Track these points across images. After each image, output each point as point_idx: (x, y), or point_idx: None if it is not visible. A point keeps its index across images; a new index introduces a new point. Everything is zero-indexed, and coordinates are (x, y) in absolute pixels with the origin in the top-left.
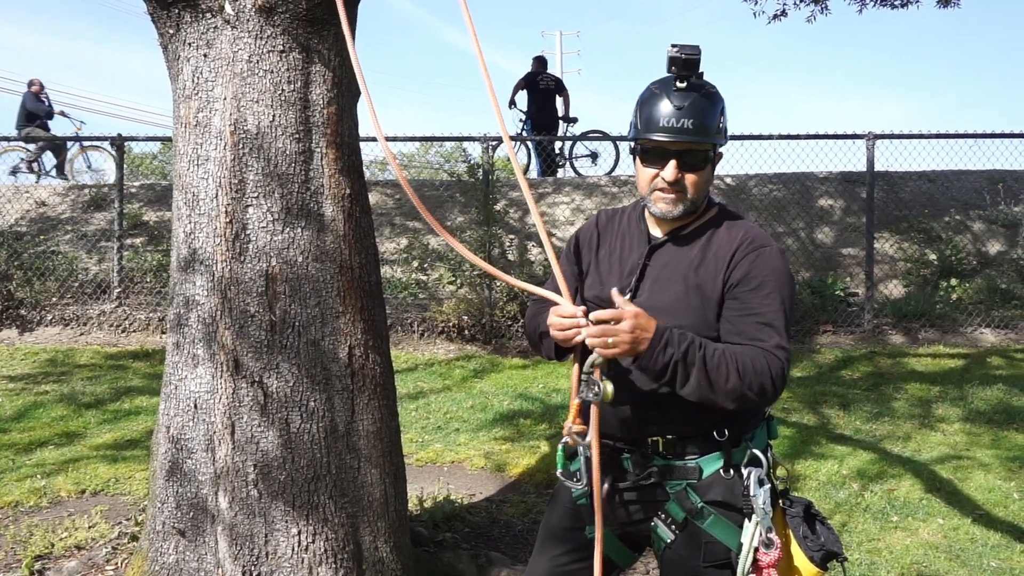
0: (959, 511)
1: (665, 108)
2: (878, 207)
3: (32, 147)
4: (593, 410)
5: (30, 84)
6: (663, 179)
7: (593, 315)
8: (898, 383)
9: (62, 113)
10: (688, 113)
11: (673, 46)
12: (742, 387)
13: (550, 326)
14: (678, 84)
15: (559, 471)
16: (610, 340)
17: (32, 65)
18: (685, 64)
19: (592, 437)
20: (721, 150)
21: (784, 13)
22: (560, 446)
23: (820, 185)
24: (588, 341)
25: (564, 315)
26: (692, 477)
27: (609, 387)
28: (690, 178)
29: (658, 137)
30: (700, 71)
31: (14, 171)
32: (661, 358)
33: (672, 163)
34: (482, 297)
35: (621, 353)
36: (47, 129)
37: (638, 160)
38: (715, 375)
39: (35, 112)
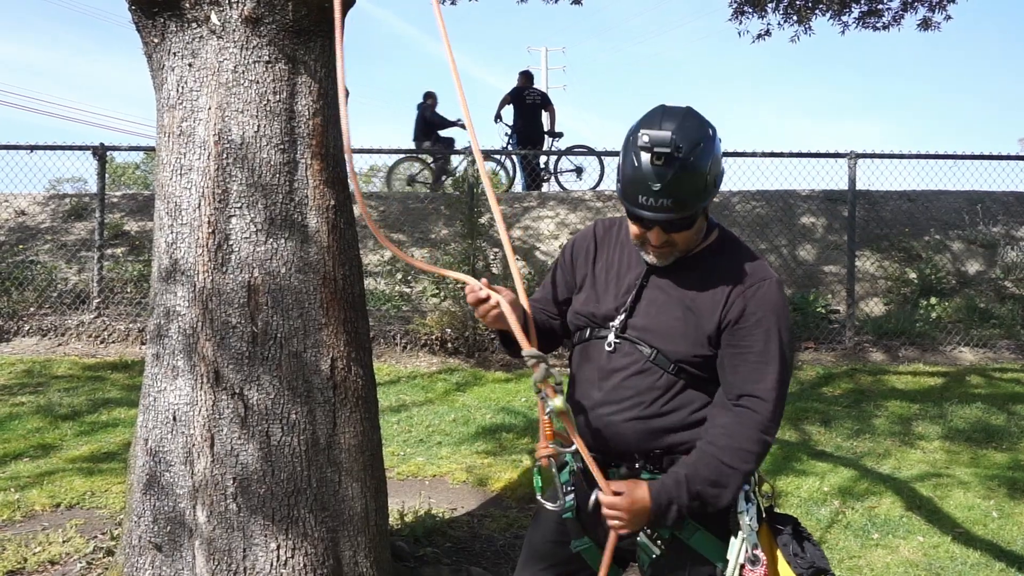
0: (939, 529)
1: (642, 184)
2: (859, 225)
3: (430, 160)
4: (558, 422)
5: (427, 97)
6: (649, 242)
7: (604, 506)
8: (878, 400)
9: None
10: (666, 192)
11: (644, 133)
12: (745, 463)
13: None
14: (655, 161)
15: (538, 495)
16: (617, 524)
17: (9, 73)
18: (655, 155)
19: (578, 445)
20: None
21: (768, 33)
22: (535, 468)
23: (802, 203)
24: (609, 523)
25: (471, 292)
26: None
27: (558, 401)
28: (678, 236)
29: (638, 212)
30: (677, 152)
31: (411, 181)
32: (672, 515)
33: (656, 230)
34: (465, 310)
35: (633, 529)
36: (440, 141)
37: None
38: (720, 481)
39: (434, 123)
